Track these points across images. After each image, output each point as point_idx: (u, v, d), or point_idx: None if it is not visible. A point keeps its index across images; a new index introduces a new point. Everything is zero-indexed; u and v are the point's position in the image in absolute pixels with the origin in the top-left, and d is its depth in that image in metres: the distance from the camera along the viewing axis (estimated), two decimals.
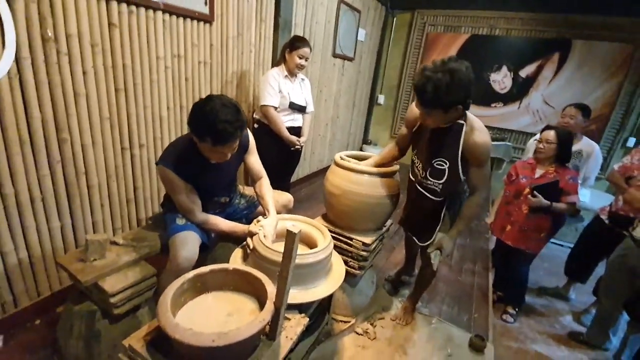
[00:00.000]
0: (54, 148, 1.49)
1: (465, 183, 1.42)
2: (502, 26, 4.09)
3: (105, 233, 1.79)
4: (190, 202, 1.39)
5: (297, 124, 2.42)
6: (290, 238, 0.89)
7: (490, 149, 1.34)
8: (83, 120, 1.56)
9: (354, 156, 1.81)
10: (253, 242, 1.30)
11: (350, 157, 1.75)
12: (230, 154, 1.32)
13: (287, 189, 2.49)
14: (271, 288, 1.00)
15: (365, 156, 1.83)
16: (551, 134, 1.88)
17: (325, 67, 3.52)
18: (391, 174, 1.66)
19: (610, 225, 2.05)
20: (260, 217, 1.44)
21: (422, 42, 4.55)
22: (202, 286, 1.05)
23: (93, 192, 1.69)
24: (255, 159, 1.60)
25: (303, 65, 2.24)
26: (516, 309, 2.18)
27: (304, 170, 3.74)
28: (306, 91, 2.44)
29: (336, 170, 1.68)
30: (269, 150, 2.09)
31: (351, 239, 1.67)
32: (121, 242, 1.43)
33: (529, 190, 1.92)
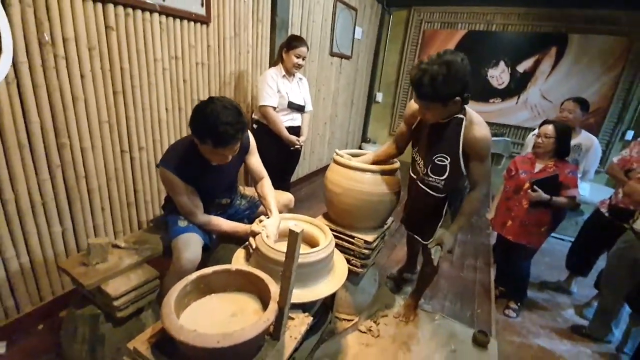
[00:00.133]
0: (54, 152, 1.49)
1: (466, 179, 1.42)
2: (499, 21, 4.09)
3: (106, 236, 1.79)
4: (191, 204, 1.39)
5: (296, 124, 2.42)
6: (292, 238, 0.89)
7: (490, 144, 1.34)
8: (82, 124, 1.56)
9: (353, 154, 1.81)
10: (255, 242, 1.30)
11: (349, 155, 1.74)
12: (231, 156, 1.32)
13: (288, 189, 2.49)
14: (274, 288, 1.00)
15: (362, 154, 1.83)
16: (549, 129, 1.89)
17: (322, 66, 3.51)
18: (392, 172, 1.66)
19: (610, 218, 2.06)
20: (262, 217, 1.44)
21: (419, 39, 4.55)
22: (206, 287, 1.05)
23: (93, 196, 1.69)
24: (256, 160, 1.60)
25: (300, 64, 2.24)
26: (518, 304, 2.18)
27: (304, 169, 3.74)
28: (304, 90, 2.43)
29: (336, 168, 1.68)
30: (269, 150, 2.08)
31: (353, 237, 1.68)
32: (123, 245, 1.43)
33: (529, 185, 1.92)
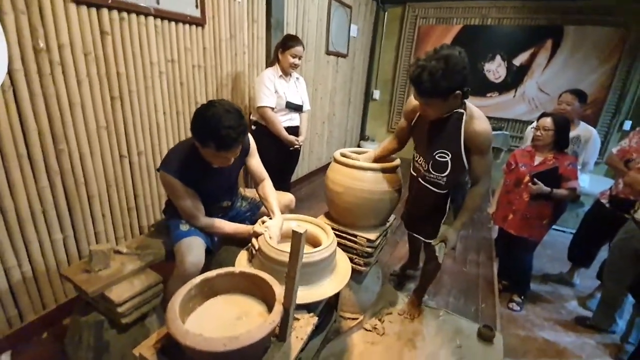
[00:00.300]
0: (52, 159, 1.48)
1: (467, 174, 1.41)
2: (494, 15, 4.09)
3: (108, 243, 1.79)
4: (193, 207, 1.38)
5: (295, 124, 2.42)
6: (296, 238, 0.89)
7: (491, 137, 1.33)
8: (80, 130, 1.55)
9: (355, 153, 1.81)
10: (258, 243, 1.29)
11: (351, 153, 1.74)
12: (233, 159, 1.32)
13: (288, 189, 2.49)
14: (279, 289, 0.99)
15: (363, 152, 1.82)
16: (548, 121, 1.89)
17: (319, 65, 3.51)
18: (393, 169, 1.66)
19: (611, 208, 2.06)
20: (265, 218, 1.44)
21: (415, 35, 4.54)
22: (210, 291, 1.05)
23: (94, 202, 1.69)
24: (256, 162, 1.60)
25: (297, 64, 2.23)
26: (522, 297, 2.19)
27: (303, 169, 3.74)
28: (302, 90, 2.43)
29: (337, 167, 1.68)
30: (268, 151, 2.08)
31: (355, 236, 1.67)
32: (125, 251, 1.43)
33: (529, 178, 1.92)
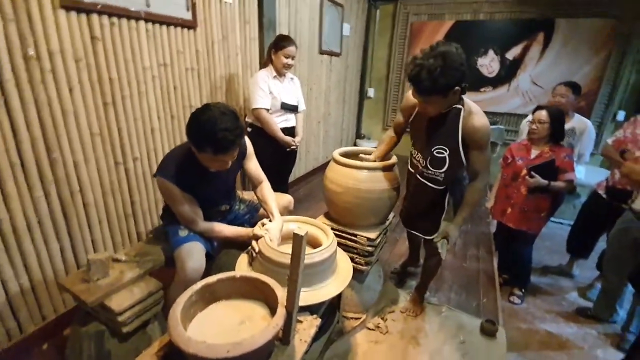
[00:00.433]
0: (46, 168, 1.46)
1: (464, 170, 1.41)
2: (486, 10, 4.10)
3: (106, 251, 1.77)
4: (191, 212, 1.37)
5: (291, 124, 2.41)
6: (297, 241, 0.88)
7: (489, 132, 1.34)
8: (73, 137, 1.53)
9: (353, 152, 1.80)
10: (258, 245, 1.28)
11: (350, 153, 1.74)
12: (230, 162, 1.31)
13: (286, 190, 2.47)
14: (281, 292, 0.99)
15: (361, 151, 1.82)
16: (543, 114, 1.89)
17: (313, 65, 3.50)
18: (390, 167, 1.65)
19: (608, 199, 2.07)
20: (264, 220, 1.43)
21: (407, 32, 4.54)
22: (211, 296, 1.04)
23: (90, 210, 1.67)
24: (254, 164, 1.59)
25: (290, 64, 2.22)
26: (522, 290, 2.19)
27: (300, 170, 3.73)
28: (296, 90, 2.41)
29: (336, 167, 1.67)
30: (265, 152, 2.06)
31: (356, 236, 1.67)
32: (124, 259, 1.41)
33: (526, 171, 1.93)
